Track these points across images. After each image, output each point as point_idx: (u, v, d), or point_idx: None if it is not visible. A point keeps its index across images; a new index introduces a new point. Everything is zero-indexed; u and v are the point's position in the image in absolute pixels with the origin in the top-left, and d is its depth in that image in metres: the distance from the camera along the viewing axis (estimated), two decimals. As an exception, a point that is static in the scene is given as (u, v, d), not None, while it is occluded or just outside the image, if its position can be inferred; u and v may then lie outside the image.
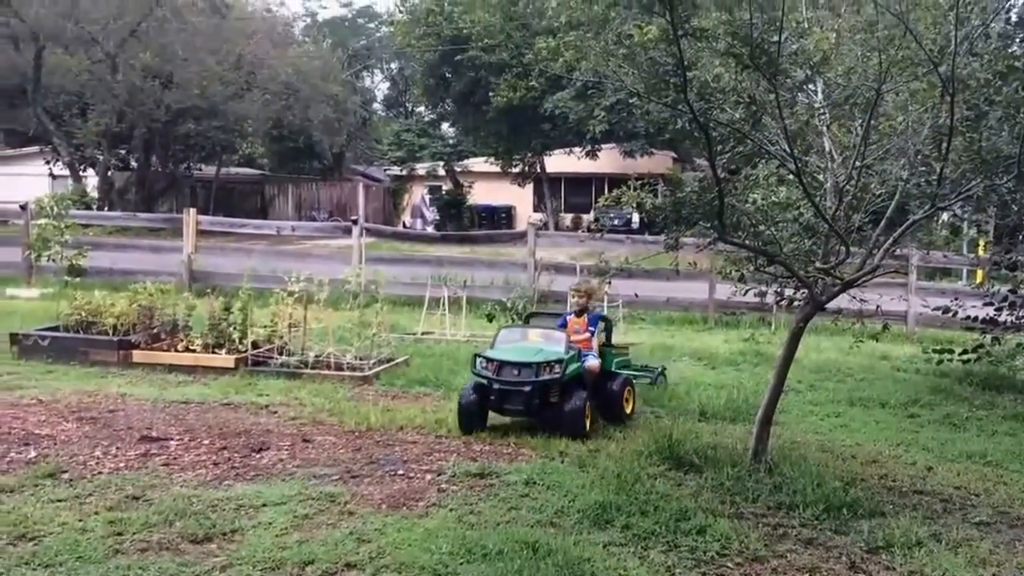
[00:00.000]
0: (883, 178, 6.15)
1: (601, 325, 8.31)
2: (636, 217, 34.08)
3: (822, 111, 6.18)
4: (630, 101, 5.92)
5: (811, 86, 6.31)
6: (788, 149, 5.62)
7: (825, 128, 6.28)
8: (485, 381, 7.24)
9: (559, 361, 7.12)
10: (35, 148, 37.74)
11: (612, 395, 7.70)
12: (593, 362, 7.69)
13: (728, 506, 5.71)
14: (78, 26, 31.72)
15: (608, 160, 35.12)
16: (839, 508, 5.66)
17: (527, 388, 7.07)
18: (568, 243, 20.65)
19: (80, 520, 5.12)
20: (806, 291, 6.34)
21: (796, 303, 6.74)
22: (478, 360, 7.35)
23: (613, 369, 7.99)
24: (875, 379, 10.30)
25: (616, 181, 6.53)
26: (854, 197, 6.04)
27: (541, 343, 7.50)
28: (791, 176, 5.82)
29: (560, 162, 37.45)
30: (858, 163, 5.81)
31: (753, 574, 4.78)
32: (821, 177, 6.28)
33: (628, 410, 7.84)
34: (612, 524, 5.29)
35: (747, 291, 6.92)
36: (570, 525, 5.28)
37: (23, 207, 16.19)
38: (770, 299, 6.95)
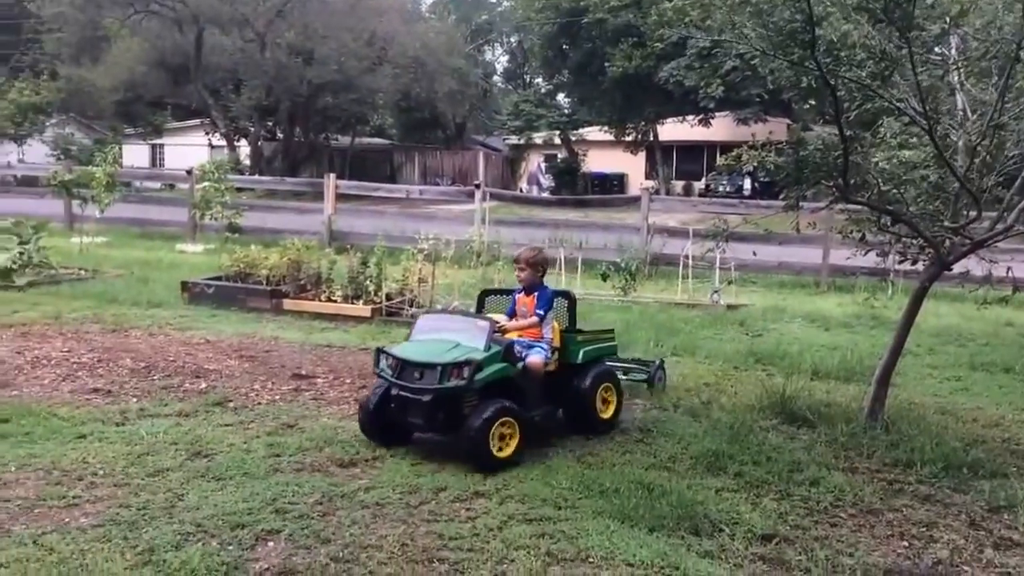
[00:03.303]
0: (1020, 137, 5.65)
1: (562, 304, 6.10)
2: (748, 184, 33.21)
3: (957, 67, 5.74)
4: (752, 62, 5.63)
5: (946, 41, 5.87)
6: (919, 107, 5.23)
7: (959, 85, 5.83)
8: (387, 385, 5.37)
9: (466, 363, 5.07)
10: (196, 121, 39.46)
11: (579, 396, 5.67)
12: (535, 358, 5.53)
13: (842, 460, 5.50)
14: (232, 8, 32.75)
15: (721, 128, 34.23)
16: (959, 467, 5.34)
17: (427, 398, 5.12)
18: (681, 208, 20.30)
19: (244, 442, 5.43)
20: (931, 252, 5.91)
21: (921, 262, 6.19)
22: (381, 356, 5.41)
23: (580, 361, 5.83)
24: (999, 344, 9.51)
25: (728, 149, 5.89)
26: (988, 156, 5.58)
27: (460, 336, 5.35)
28: (917, 136, 5.46)
29: (672, 130, 36.72)
30: (993, 121, 5.32)
31: (867, 525, 4.61)
32: (952, 136, 5.84)
33: (608, 414, 5.85)
34: (724, 471, 5.20)
35: (867, 251, 6.43)
36: (683, 470, 5.23)
37: (188, 172, 16.97)
38: (891, 261, 6.49)
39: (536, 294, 5.81)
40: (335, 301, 9.79)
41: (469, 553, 4.03)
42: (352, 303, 9.71)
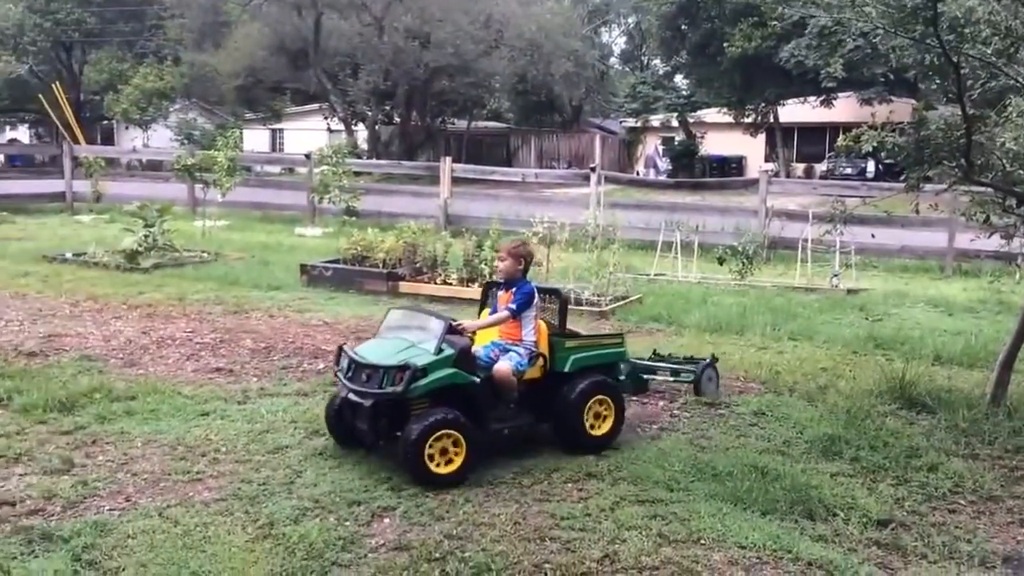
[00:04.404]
0: None
1: (551, 304, 5.55)
2: (872, 166, 32.05)
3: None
4: (874, 40, 5.51)
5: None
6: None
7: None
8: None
9: (403, 368, 4.66)
10: (315, 105, 40.70)
11: (564, 410, 5.10)
12: (503, 365, 5.00)
13: (962, 447, 5.41)
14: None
15: (844, 108, 33.05)
16: (1085, 455, 5.19)
17: (368, 403, 4.76)
18: (800, 190, 19.81)
19: (363, 423, 5.66)
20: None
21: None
22: (342, 355, 5.07)
23: (568, 370, 5.20)
24: None
25: (851, 130, 5.69)
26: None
27: (418, 335, 4.95)
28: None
29: (793, 111, 35.71)
30: None
31: (987, 512, 4.54)
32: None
33: (601, 431, 5.21)
34: (840, 456, 5.18)
35: (992, 234, 6.28)
36: (798, 454, 5.23)
37: (307, 156, 17.61)
38: (1017, 243, 6.32)
39: (515, 289, 5.22)
40: (450, 284, 10.06)
41: (581, 533, 4.15)
42: (467, 286, 9.95)
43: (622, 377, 5.58)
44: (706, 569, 3.85)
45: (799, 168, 38.11)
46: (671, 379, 6.37)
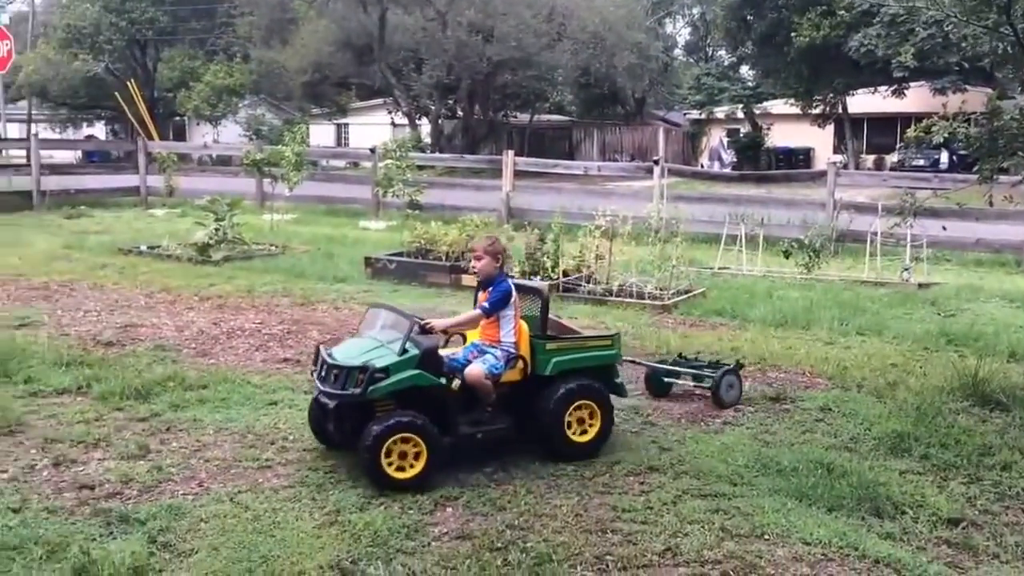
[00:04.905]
0: None
1: (533, 304, 5.25)
2: (945, 157, 31.16)
3: None
4: (946, 28, 5.37)
5: None
6: None
7: None
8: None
9: (362, 369, 4.55)
10: (379, 100, 41.11)
11: (545, 415, 4.87)
12: (475, 368, 4.80)
13: (1038, 446, 5.25)
14: (414, -14, 33.87)
15: (916, 98, 32.20)
16: None
17: (332, 404, 4.66)
18: (870, 182, 19.39)
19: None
20: None
21: None
22: (319, 355, 4.92)
23: (548, 373, 4.96)
24: None
25: (923, 120, 5.46)
26: None
27: (389, 335, 4.82)
28: None
29: (863, 102, 34.89)
30: None
31: (1065, 514, 4.42)
32: None
33: (585, 438, 4.96)
34: (909, 453, 5.09)
35: None
36: (865, 451, 5.15)
37: (372, 151, 17.83)
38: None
39: (491, 288, 5.00)
40: (512, 277, 10.08)
41: (642, 525, 4.16)
42: (529, 279, 9.98)
43: (618, 380, 5.27)
44: (770, 564, 3.82)
45: (869, 160, 37.27)
46: (691, 384, 6.17)
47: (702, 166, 40.31)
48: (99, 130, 50.98)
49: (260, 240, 13.21)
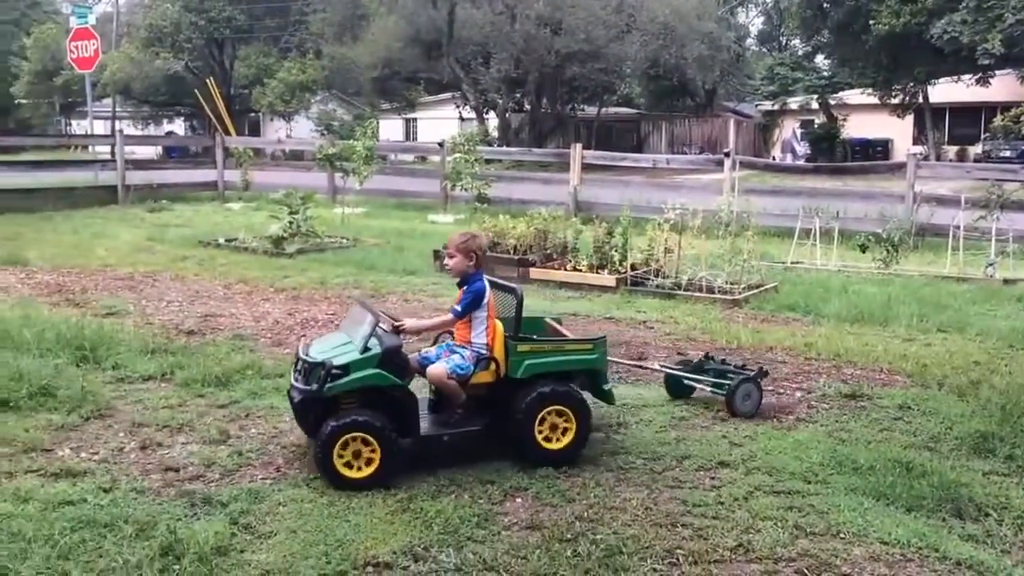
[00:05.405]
0: None
1: (508, 303, 5.04)
2: (1035, 146, 30.11)
3: None
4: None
5: None
6: None
7: None
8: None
9: (322, 365, 4.49)
10: (447, 95, 41.48)
11: (514, 418, 4.70)
12: (436, 368, 4.72)
13: None
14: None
15: (1002, 87, 31.17)
16: None
17: (297, 399, 4.64)
18: (952, 174, 18.87)
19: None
20: None
21: None
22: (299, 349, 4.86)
23: (520, 376, 4.77)
24: None
25: (1011, 109, 5.22)
26: None
27: (356, 331, 4.72)
28: None
29: (945, 91, 33.88)
30: None
31: None
32: None
33: (558, 445, 4.76)
34: (993, 454, 4.93)
35: None
36: (946, 450, 5.01)
37: (440, 145, 17.98)
38: None
39: (466, 287, 4.86)
40: (580, 270, 10.10)
41: (714, 520, 4.12)
42: (597, 272, 9.97)
43: (606, 387, 5.09)
44: (846, 563, 3.76)
45: (950, 151, 36.20)
46: (708, 390, 5.84)
47: (774, 158, 39.63)
48: (178, 126, 52.49)
49: (332, 233, 13.42)
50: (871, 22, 30.09)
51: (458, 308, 4.81)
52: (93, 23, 24.96)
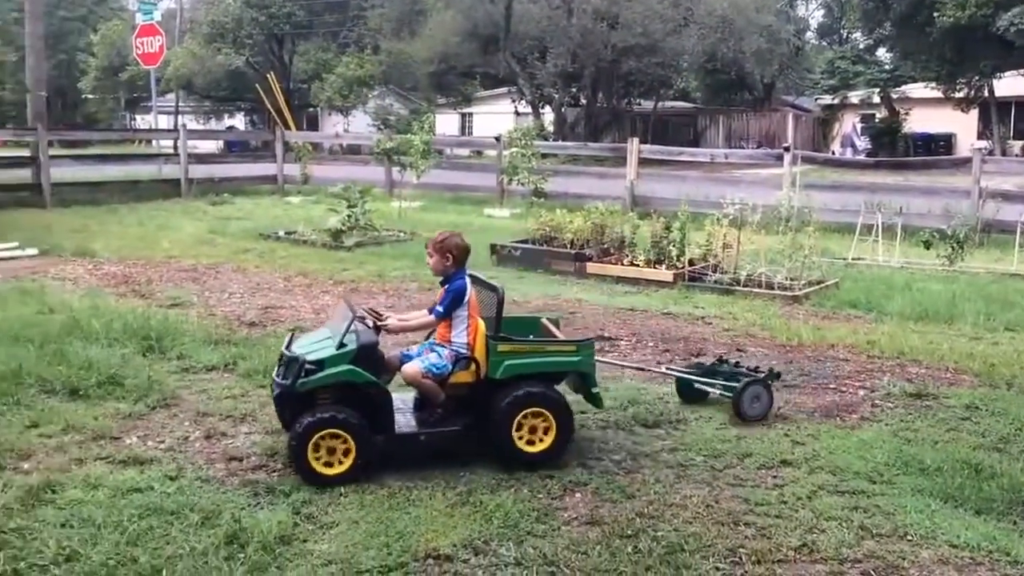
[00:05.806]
0: None
1: (490, 301, 4.92)
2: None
3: None
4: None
5: None
6: None
7: None
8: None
9: (295, 360, 4.49)
10: (503, 89, 41.46)
11: (491, 419, 4.61)
12: (411, 367, 4.66)
13: None
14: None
15: (1074, 80, 30.19)
16: None
17: (276, 393, 4.62)
18: (1018, 169, 18.31)
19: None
20: None
21: None
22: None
23: (499, 376, 4.66)
24: None
25: None
26: None
27: (337, 328, 4.67)
28: None
29: (1011, 85, 32.89)
30: None
31: None
32: None
33: (537, 448, 4.63)
34: (1067, 457, 4.78)
35: None
36: (1017, 452, 4.86)
37: (497, 139, 17.98)
38: None
39: (447, 286, 4.80)
40: (638, 265, 10.02)
41: (776, 520, 4.06)
42: (654, 268, 9.88)
43: (595, 391, 4.88)
44: (914, 566, 3.67)
45: (1016, 146, 35.15)
46: (717, 393, 5.62)
47: (834, 153, 38.89)
48: (239, 121, 53.37)
49: (389, 227, 13.52)
50: (935, 14, 29.32)
51: (440, 309, 4.74)
52: (158, 19, 25.50)
